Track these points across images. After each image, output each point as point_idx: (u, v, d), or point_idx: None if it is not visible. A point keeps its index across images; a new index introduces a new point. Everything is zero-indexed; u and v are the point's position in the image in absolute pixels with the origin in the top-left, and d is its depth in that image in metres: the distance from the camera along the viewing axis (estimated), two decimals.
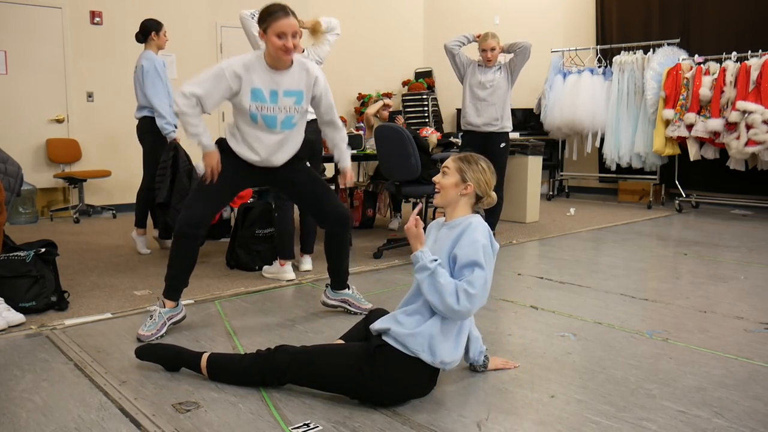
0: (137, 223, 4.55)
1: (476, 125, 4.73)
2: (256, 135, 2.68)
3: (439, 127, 8.83)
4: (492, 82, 4.66)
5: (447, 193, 2.12)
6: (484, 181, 2.11)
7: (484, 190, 2.11)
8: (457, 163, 2.13)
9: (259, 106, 2.61)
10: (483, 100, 4.69)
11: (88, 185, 6.54)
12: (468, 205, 2.12)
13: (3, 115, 6.14)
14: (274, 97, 2.62)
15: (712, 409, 1.96)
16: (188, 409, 1.97)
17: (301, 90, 2.68)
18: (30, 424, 1.88)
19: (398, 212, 5.75)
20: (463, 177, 2.10)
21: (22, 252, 3.02)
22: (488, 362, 2.26)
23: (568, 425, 1.86)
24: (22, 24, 6.21)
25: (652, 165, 7.07)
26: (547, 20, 8.39)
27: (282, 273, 3.74)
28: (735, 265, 4.08)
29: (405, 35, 9.58)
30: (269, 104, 2.62)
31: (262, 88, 2.59)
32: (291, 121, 2.70)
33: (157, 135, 4.37)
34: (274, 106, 2.63)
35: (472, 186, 2.09)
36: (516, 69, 4.69)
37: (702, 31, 7.09)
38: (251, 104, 2.60)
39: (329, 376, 1.99)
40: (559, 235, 5.28)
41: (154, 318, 2.68)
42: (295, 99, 2.67)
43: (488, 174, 2.12)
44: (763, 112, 5.80)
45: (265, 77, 2.60)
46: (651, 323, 2.87)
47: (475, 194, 2.11)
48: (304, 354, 2.04)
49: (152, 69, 4.30)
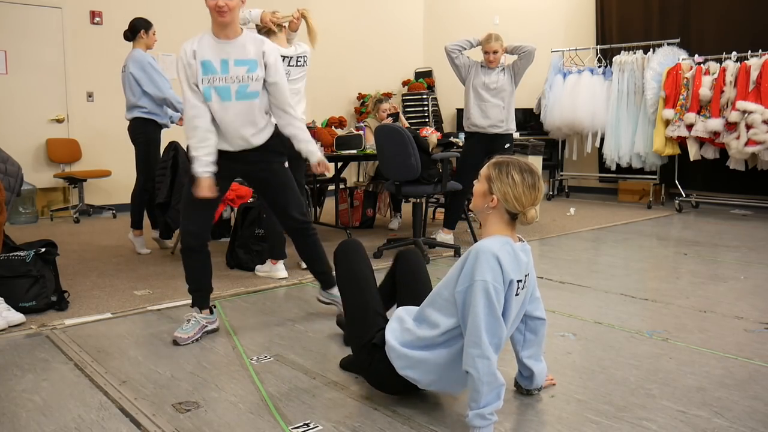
0: (133, 225, 4.55)
1: (481, 126, 4.72)
2: (214, 112, 2.58)
3: (439, 127, 8.83)
4: (496, 84, 4.66)
5: (475, 202, 1.87)
6: (513, 196, 1.77)
7: (512, 206, 1.78)
8: (489, 168, 1.83)
9: (211, 79, 2.56)
10: (488, 102, 4.68)
11: (88, 185, 6.54)
12: (500, 221, 1.82)
13: (3, 115, 6.14)
14: (225, 66, 2.57)
15: (712, 409, 1.96)
16: (188, 409, 1.97)
17: (253, 59, 2.60)
18: (30, 424, 1.88)
19: (398, 212, 5.76)
20: (491, 187, 1.81)
21: (22, 252, 3.02)
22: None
23: (568, 425, 1.86)
24: (22, 24, 6.21)
25: (652, 165, 7.07)
26: (547, 20, 8.39)
27: (274, 271, 3.76)
28: (735, 265, 4.08)
29: (405, 35, 9.58)
30: (220, 74, 2.56)
31: (211, 59, 2.56)
32: (246, 90, 2.60)
33: (149, 135, 4.38)
34: (226, 77, 2.57)
35: (497, 199, 1.80)
36: (519, 72, 4.69)
37: (702, 31, 7.09)
38: (203, 78, 2.55)
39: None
40: (559, 234, 5.28)
41: (191, 322, 2.67)
42: (247, 68, 2.60)
43: (520, 188, 1.76)
44: (763, 112, 5.80)
45: (215, 48, 2.56)
46: (651, 323, 2.87)
47: (504, 209, 1.80)
48: None
49: (147, 65, 4.28)
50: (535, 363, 2.02)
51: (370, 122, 5.57)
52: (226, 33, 2.57)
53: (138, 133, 4.42)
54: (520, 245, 1.85)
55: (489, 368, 1.69)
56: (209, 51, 2.56)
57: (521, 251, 1.83)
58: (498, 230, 1.83)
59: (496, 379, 1.70)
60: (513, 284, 1.76)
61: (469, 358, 1.70)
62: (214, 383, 2.17)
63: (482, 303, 1.69)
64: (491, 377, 1.69)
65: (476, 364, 1.69)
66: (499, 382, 1.71)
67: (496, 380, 1.70)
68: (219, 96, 2.57)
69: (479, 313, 1.69)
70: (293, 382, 2.16)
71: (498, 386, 1.71)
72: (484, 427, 1.70)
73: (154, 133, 4.43)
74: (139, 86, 4.31)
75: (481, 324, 1.69)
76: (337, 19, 8.46)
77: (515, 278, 1.77)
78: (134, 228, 4.55)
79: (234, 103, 2.59)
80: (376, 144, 4.37)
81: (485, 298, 1.69)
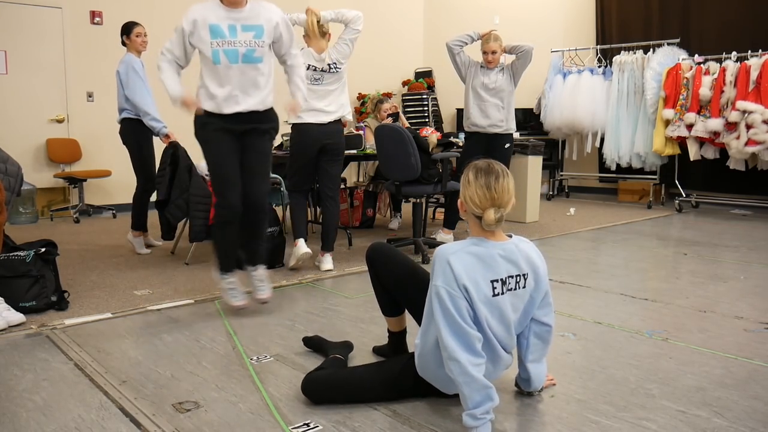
0: (133, 226, 4.56)
1: (481, 126, 4.72)
2: (222, 73, 2.80)
3: (439, 127, 8.83)
4: (495, 84, 4.66)
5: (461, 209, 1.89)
6: (468, 197, 1.78)
7: (471, 208, 1.78)
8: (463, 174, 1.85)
9: (220, 42, 2.76)
10: (487, 102, 4.68)
11: (88, 185, 6.54)
12: (475, 224, 1.81)
13: (3, 115, 6.14)
14: (233, 31, 2.78)
15: (712, 408, 1.96)
16: (188, 409, 1.97)
17: (260, 24, 2.83)
18: (30, 424, 1.88)
19: (398, 212, 5.76)
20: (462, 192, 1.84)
21: (22, 252, 3.03)
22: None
23: (568, 425, 1.86)
24: (22, 24, 6.21)
25: (652, 165, 7.07)
26: (547, 20, 8.39)
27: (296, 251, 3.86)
28: (735, 265, 4.08)
29: (405, 35, 9.58)
30: (229, 38, 2.77)
31: (219, 24, 2.76)
32: (253, 55, 2.82)
33: (140, 134, 4.39)
34: (234, 40, 2.78)
35: (462, 203, 1.82)
36: (518, 71, 4.69)
37: (702, 31, 7.09)
38: (212, 42, 2.76)
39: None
40: (559, 235, 5.28)
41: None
42: (254, 33, 2.81)
43: (473, 187, 1.76)
44: (763, 111, 5.80)
45: (222, 14, 2.79)
46: (651, 323, 2.87)
47: (472, 214, 1.80)
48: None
49: (130, 70, 4.33)
50: (535, 366, 2.00)
51: (370, 122, 5.58)
52: (235, 2, 2.79)
53: (128, 135, 4.45)
54: (497, 244, 1.81)
55: (460, 369, 1.69)
56: (216, 17, 2.77)
57: (499, 249, 1.80)
58: (474, 233, 1.84)
59: (473, 380, 1.69)
60: (479, 285, 1.74)
61: (444, 361, 1.74)
62: (214, 383, 2.17)
63: (437, 307, 1.73)
64: (467, 377, 1.69)
65: (449, 366, 1.73)
66: (481, 383, 1.70)
67: (474, 380, 1.69)
68: (227, 58, 2.77)
69: (437, 317, 1.73)
70: (293, 382, 2.15)
71: (481, 387, 1.70)
72: (477, 426, 1.70)
73: (144, 132, 4.43)
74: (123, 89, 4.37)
75: (441, 327, 1.72)
76: None
77: (485, 279, 1.75)
78: (134, 229, 4.56)
79: (241, 66, 2.80)
80: (376, 144, 4.37)
81: (438, 301, 1.73)
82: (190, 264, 4.14)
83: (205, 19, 2.77)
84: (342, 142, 3.95)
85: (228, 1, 2.79)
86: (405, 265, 2.16)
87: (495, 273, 1.78)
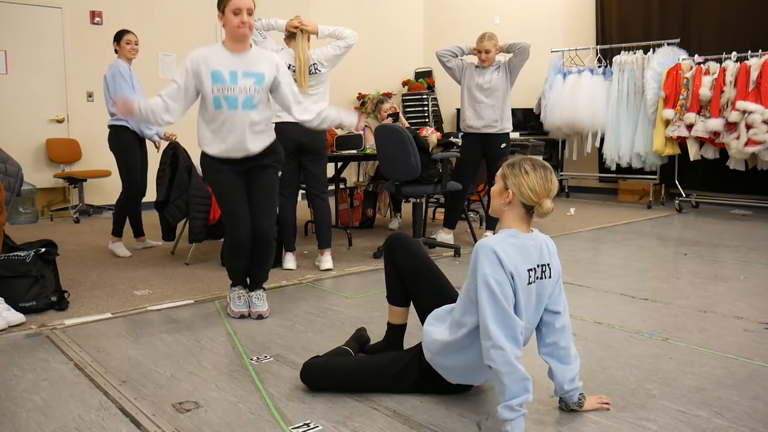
0: (113, 231, 4.52)
1: (476, 127, 4.72)
2: (222, 120, 2.81)
3: (439, 127, 8.83)
4: (490, 83, 4.65)
5: (493, 203, 1.93)
6: (528, 187, 1.82)
7: (527, 197, 1.82)
8: (503, 168, 1.89)
9: (220, 88, 2.77)
10: (481, 102, 4.67)
11: (88, 185, 6.54)
12: (514, 216, 1.87)
13: (3, 115, 6.14)
14: (234, 77, 2.78)
15: (712, 409, 1.96)
16: (188, 409, 1.97)
17: (261, 72, 2.84)
18: (30, 424, 1.88)
19: (398, 212, 5.76)
20: (506, 183, 1.86)
21: (22, 252, 3.03)
22: (584, 401, 1.95)
23: (568, 425, 1.86)
24: (22, 24, 6.21)
25: (652, 165, 7.07)
26: (547, 20, 8.39)
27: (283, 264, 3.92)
28: (735, 265, 4.08)
29: (405, 35, 9.58)
30: (229, 85, 2.78)
31: (221, 70, 2.77)
32: (252, 101, 2.83)
33: (123, 142, 4.39)
34: (234, 87, 2.78)
35: (513, 193, 1.84)
36: (515, 69, 4.68)
37: (702, 31, 7.09)
38: (213, 87, 2.76)
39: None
40: (559, 235, 5.28)
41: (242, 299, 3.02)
42: (254, 80, 2.82)
43: (534, 178, 1.82)
44: (763, 112, 5.80)
45: (225, 59, 2.79)
46: (651, 323, 2.87)
47: (520, 203, 1.84)
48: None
49: (117, 75, 4.34)
50: (555, 362, 1.93)
51: (370, 122, 5.57)
52: (240, 47, 2.81)
53: (112, 142, 4.45)
54: (528, 236, 1.87)
55: (504, 358, 1.71)
56: (219, 63, 2.78)
57: (530, 240, 1.86)
58: (509, 224, 1.88)
59: (516, 370, 1.70)
60: (520, 274, 1.79)
61: (485, 351, 1.75)
62: (214, 383, 2.17)
63: (485, 296, 1.75)
64: (509, 367, 1.70)
65: (491, 355, 1.73)
66: (521, 374, 1.71)
67: (516, 371, 1.70)
68: (228, 105, 2.79)
69: (484, 305, 1.74)
70: (293, 382, 2.15)
71: (521, 378, 1.71)
72: (513, 419, 1.70)
73: (127, 139, 4.41)
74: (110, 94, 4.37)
75: (487, 316, 1.74)
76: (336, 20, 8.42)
77: (524, 268, 1.81)
78: (114, 235, 4.52)
79: (240, 112, 2.80)
80: (376, 144, 4.37)
81: (487, 290, 1.74)
82: (190, 264, 4.14)
83: (209, 64, 2.77)
84: (322, 140, 3.92)
85: (233, 47, 2.81)
86: (425, 261, 2.23)
87: (530, 262, 1.84)
